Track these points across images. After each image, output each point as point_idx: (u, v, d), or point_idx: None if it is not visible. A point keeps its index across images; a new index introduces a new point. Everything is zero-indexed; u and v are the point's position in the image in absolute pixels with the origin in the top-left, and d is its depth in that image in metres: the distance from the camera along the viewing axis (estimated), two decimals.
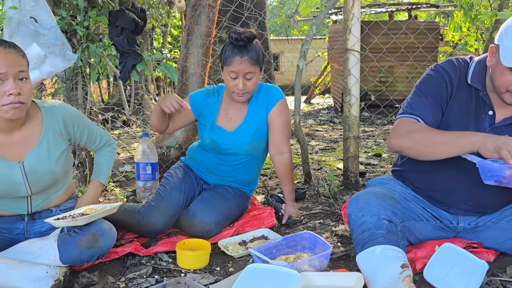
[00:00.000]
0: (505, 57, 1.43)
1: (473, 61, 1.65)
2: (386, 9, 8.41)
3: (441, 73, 1.64)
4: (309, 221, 2.19)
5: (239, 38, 1.90)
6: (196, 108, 2.11)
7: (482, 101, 1.60)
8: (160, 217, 1.94)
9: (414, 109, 1.62)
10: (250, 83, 1.96)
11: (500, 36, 1.47)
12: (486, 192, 1.64)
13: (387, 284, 1.36)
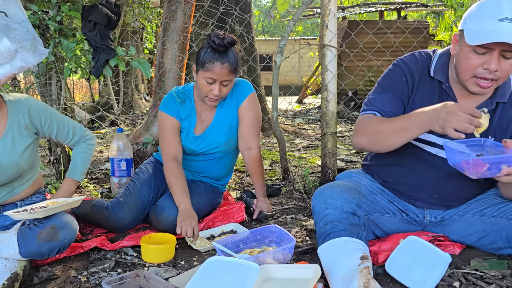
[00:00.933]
0: (470, 37, 1.39)
1: (436, 53, 1.64)
2: (376, 8, 8.44)
3: (401, 67, 1.63)
4: (280, 216, 2.19)
5: (222, 44, 1.83)
6: (179, 118, 2.05)
7: (445, 93, 1.60)
8: (128, 213, 1.93)
9: (373, 105, 1.62)
10: (226, 89, 1.93)
11: (464, 22, 1.46)
12: (451, 185, 1.65)
13: (345, 275, 1.36)
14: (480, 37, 1.36)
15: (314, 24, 27.08)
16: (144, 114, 7.39)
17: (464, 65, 1.45)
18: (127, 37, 6.99)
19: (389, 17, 12.16)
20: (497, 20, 1.35)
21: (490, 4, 1.39)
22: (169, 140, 2.01)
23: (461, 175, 1.61)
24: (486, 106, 1.56)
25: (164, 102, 2.07)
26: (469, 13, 1.45)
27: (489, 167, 1.30)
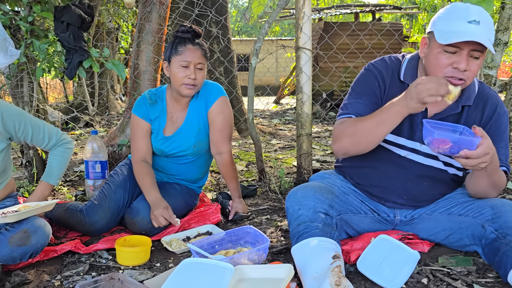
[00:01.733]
0: (441, 36, 1.44)
1: (405, 58, 1.69)
2: (351, 10, 8.57)
3: (373, 72, 1.67)
4: (256, 217, 2.21)
5: (189, 31, 1.93)
6: (149, 120, 2.07)
7: None
8: (103, 216, 1.92)
9: (349, 110, 1.65)
10: (200, 75, 1.96)
11: (433, 24, 1.51)
12: (420, 187, 1.70)
13: (317, 274, 1.39)
14: (451, 36, 1.41)
15: (291, 25, 27.24)
16: (120, 115, 7.30)
17: (435, 65, 1.49)
18: (101, 37, 6.89)
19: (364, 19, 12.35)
20: (466, 22, 1.42)
21: (458, 8, 1.46)
22: (137, 143, 2.06)
23: (429, 177, 1.67)
24: (452, 110, 1.62)
25: (136, 104, 2.10)
26: (438, 16, 1.51)
27: (451, 146, 1.34)
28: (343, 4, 9.32)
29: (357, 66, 7.07)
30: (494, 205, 1.59)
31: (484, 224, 1.58)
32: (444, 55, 1.46)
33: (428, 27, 1.55)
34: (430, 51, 1.51)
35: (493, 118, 1.64)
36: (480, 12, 1.43)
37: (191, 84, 1.94)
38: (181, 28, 1.95)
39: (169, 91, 2.09)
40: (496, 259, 1.49)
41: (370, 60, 1.81)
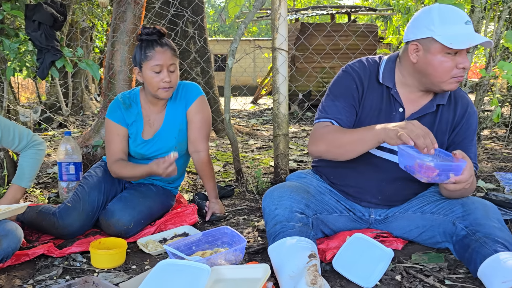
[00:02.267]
0: (452, 42, 1.46)
1: (383, 60, 1.72)
2: (327, 11, 8.66)
3: (351, 74, 1.69)
4: (233, 217, 2.21)
5: (153, 32, 1.89)
6: (125, 124, 2.04)
7: (393, 99, 1.67)
8: (77, 218, 1.88)
9: (328, 113, 1.67)
10: (174, 75, 1.94)
11: (426, 28, 1.51)
12: (395, 187, 1.74)
13: (293, 273, 1.40)
14: (463, 40, 1.46)
15: (268, 25, 27.33)
16: (95, 115, 7.18)
17: (442, 70, 1.52)
18: (75, 37, 6.76)
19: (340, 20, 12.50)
20: (464, 23, 1.49)
21: (447, 11, 1.50)
22: (113, 147, 2.04)
23: (404, 178, 1.70)
24: (428, 109, 1.66)
25: (110, 109, 2.06)
26: (429, 22, 1.51)
27: (439, 172, 1.38)
28: (319, 5, 9.42)
29: (333, 66, 7.16)
30: (464, 202, 1.64)
31: (455, 222, 1.62)
32: (448, 58, 1.50)
33: (416, 33, 1.55)
34: (431, 56, 1.52)
35: (464, 117, 1.69)
36: (465, 13, 1.52)
37: (168, 87, 1.92)
38: (145, 30, 1.91)
39: (143, 94, 2.06)
40: (466, 255, 1.53)
41: (346, 60, 1.84)
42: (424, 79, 1.58)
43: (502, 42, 3.20)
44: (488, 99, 4.75)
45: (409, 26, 1.59)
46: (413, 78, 1.62)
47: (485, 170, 3.23)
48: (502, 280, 1.35)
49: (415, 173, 1.41)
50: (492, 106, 4.55)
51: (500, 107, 2.76)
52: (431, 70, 1.54)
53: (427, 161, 1.38)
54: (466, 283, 1.53)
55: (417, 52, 1.56)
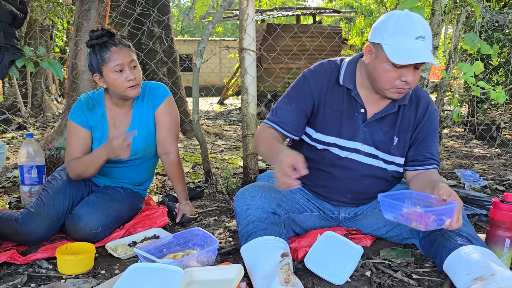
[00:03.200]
0: (393, 55, 1.47)
1: (344, 62, 1.74)
2: (293, 12, 8.75)
3: (308, 79, 1.71)
4: (204, 218, 2.20)
5: (103, 34, 1.83)
6: (88, 127, 1.97)
7: (354, 100, 1.70)
8: (41, 224, 1.81)
9: (277, 116, 1.72)
10: (137, 71, 1.89)
11: (380, 36, 1.52)
12: (363, 186, 1.77)
13: (266, 273, 1.41)
14: (404, 56, 1.46)
15: (234, 26, 27.30)
16: (56, 117, 6.95)
17: (385, 78, 1.54)
18: (35, 35, 6.51)
19: (305, 21, 12.67)
20: (414, 38, 1.47)
21: (404, 22, 1.49)
22: (71, 150, 1.96)
23: (370, 176, 1.75)
24: (389, 110, 1.70)
25: (72, 110, 1.99)
26: (384, 28, 1.52)
27: (434, 218, 1.39)
28: (285, 7, 9.50)
29: (300, 67, 7.23)
30: None
31: None
32: (393, 69, 1.51)
33: (373, 36, 1.56)
34: (379, 63, 1.54)
35: (425, 116, 1.73)
36: (424, 26, 1.49)
37: (134, 84, 1.88)
38: (94, 34, 1.84)
39: (107, 96, 2.00)
40: (432, 249, 1.59)
41: (312, 61, 1.87)
42: (373, 81, 1.61)
43: (460, 44, 3.33)
44: (448, 99, 4.94)
45: (372, 27, 1.61)
46: (367, 79, 1.65)
47: (446, 167, 3.35)
48: (466, 272, 1.41)
49: (411, 223, 1.41)
50: (451, 106, 4.73)
51: (460, 106, 2.87)
52: (376, 75, 1.57)
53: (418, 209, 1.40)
54: (432, 276, 1.58)
55: (370, 54, 1.58)
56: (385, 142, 1.70)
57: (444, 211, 1.38)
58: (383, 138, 1.70)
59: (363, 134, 1.69)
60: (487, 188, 2.76)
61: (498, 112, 5.76)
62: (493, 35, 4.30)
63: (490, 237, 1.64)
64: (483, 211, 2.16)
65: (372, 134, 1.70)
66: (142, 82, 2.00)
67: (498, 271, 1.35)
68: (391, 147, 1.71)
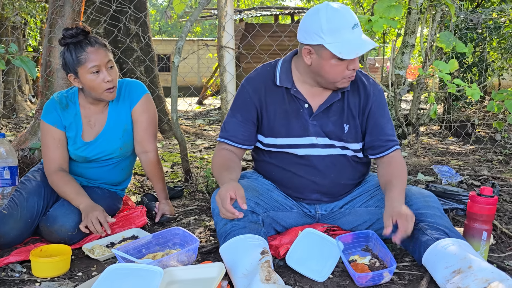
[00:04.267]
0: (341, 52, 1.49)
1: (278, 63, 1.74)
2: (271, 12, 8.76)
3: (245, 87, 1.73)
4: (184, 218, 2.17)
5: (78, 32, 1.76)
6: (62, 127, 1.91)
7: (295, 98, 1.70)
8: (14, 226, 1.75)
9: (226, 131, 1.74)
10: (114, 72, 1.84)
11: (316, 35, 1.51)
12: (329, 179, 1.76)
13: (246, 271, 1.39)
14: (351, 49, 1.49)
15: (212, 25, 27.20)
16: (30, 118, 6.77)
17: (334, 73, 1.57)
18: (6, 32, 6.33)
19: (284, 21, 12.71)
20: (351, 28, 1.51)
21: (335, 16, 1.50)
22: (50, 153, 1.90)
23: (333, 166, 1.74)
24: (334, 98, 1.69)
25: (45, 110, 1.92)
26: (318, 28, 1.51)
27: (372, 277, 1.48)
28: (263, 6, 9.51)
29: None
30: (406, 195, 1.71)
31: None
32: (340, 63, 1.54)
33: (308, 38, 1.54)
34: (324, 62, 1.55)
35: (370, 97, 1.72)
36: (352, 13, 1.54)
37: (111, 86, 1.83)
38: (68, 33, 1.76)
39: (81, 94, 1.94)
40: (411, 244, 1.60)
41: None
42: (319, 78, 1.63)
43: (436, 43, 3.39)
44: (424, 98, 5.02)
45: (300, 28, 1.60)
46: (309, 77, 1.66)
47: (423, 164, 3.41)
48: (444, 266, 1.43)
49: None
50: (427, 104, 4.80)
51: (436, 104, 2.92)
52: (324, 73, 1.59)
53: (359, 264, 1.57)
54: (412, 270, 1.59)
55: (311, 55, 1.59)
56: (335, 131, 1.71)
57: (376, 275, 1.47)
58: (333, 128, 1.71)
59: (314, 127, 1.70)
60: (463, 183, 2.81)
61: (472, 110, 5.91)
62: (467, 34, 4.39)
63: (467, 230, 1.66)
64: (460, 206, 2.20)
65: (322, 126, 1.70)
66: (118, 80, 1.95)
67: (475, 263, 1.37)
68: (343, 135, 1.72)
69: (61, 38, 1.79)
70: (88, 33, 1.81)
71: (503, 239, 1.91)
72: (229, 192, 1.46)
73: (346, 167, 1.77)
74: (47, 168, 1.91)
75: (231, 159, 1.71)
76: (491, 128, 5.24)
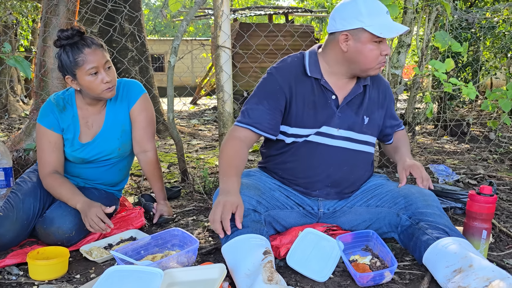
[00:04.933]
0: (382, 32, 1.57)
1: (305, 55, 1.77)
2: (265, 12, 8.75)
3: (274, 76, 1.72)
4: (182, 219, 2.15)
5: (73, 34, 1.74)
6: (59, 130, 1.89)
7: (324, 89, 1.72)
8: (11, 228, 1.72)
9: (250, 117, 1.70)
10: (112, 72, 1.82)
11: (355, 19, 1.58)
12: (341, 172, 1.78)
13: (249, 271, 1.38)
14: (390, 30, 1.59)
15: (205, 25, 27.14)
16: (23, 118, 6.71)
17: (371, 58, 1.63)
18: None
19: (277, 20, 12.71)
20: (385, 13, 1.61)
21: (371, 3, 1.61)
22: (45, 156, 1.88)
23: (348, 161, 1.77)
24: (356, 91, 1.75)
25: (41, 113, 1.89)
26: (357, 13, 1.59)
27: (373, 277, 1.48)
28: (257, 6, 9.49)
29: None
30: (405, 194, 1.71)
31: (399, 213, 1.69)
32: (375, 46, 1.61)
33: (345, 24, 1.61)
34: (361, 46, 1.61)
35: (387, 93, 1.88)
36: (381, 2, 1.65)
37: (110, 86, 1.81)
38: (64, 34, 1.74)
39: (78, 95, 1.92)
40: (411, 244, 1.60)
41: None
42: (353, 66, 1.67)
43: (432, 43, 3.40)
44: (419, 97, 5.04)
45: (335, 17, 1.65)
46: (341, 66, 1.70)
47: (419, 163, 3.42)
48: (445, 265, 1.42)
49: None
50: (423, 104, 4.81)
51: (432, 103, 2.92)
52: (362, 58, 1.64)
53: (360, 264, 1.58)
54: (413, 269, 1.59)
55: (347, 42, 1.63)
56: (358, 122, 1.77)
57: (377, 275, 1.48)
58: (356, 119, 1.76)
59: (338, 119, 1.74)
60: (460, 182, 2.82)
61: (466, 109, 5.94)
62: (461, 34, 4.42)
63: (467, 228, 1.67)
64: (458, 204, 2.20)
65: (346, 118, 1.75)
66: (117, 79, 1.94)
67: (476, 262, 1.37)
68: (363, 127, 1.79)
69: (56, 39, 1.76)
70: (84, 33, 1.79)
71: (501, 237, 1.92)
72: (233, 207, 1.48)
73: (359, 163, 1.81)
74: (41, 171, 1.88)
75: (241, 155, 1.68)
76: (486, 127, 5.27)
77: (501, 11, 4.22)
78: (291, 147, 1.77)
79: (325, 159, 1.75)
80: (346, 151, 1.77)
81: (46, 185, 1.86)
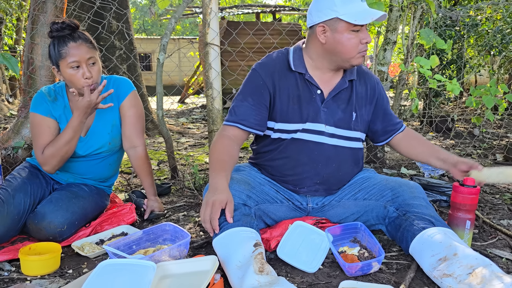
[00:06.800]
0: (356, 19, 1.57)
1: (290, 50, 1.80)
2: (253, 10, 8.77)
3: (258, 71, 1.75)
4: (173, 214, 2.17)
5: (64, 27, 1.77)
6: (53, 117, 1.89)
7: (309, 83, 1.75)
8: (1, 223, 1.72)
9: (237, 115, 1.73)
10: (95, 69, 1.82)
11: (329, 10, 1.59)
12: (329, 169, 1.80)
13: (240, 263, 1.41)
14: (365, 16, 1.58)
15: (193, 24, 27.04)
16: (8, 118, 6.63)
17: (350, 46, 1.63)
18: None
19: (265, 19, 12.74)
20: (360, 1, 1.61)
21: None
22: (41, 141, 1.86)
23: (336, 157, 1.79)
24: (342, 86, 1.77)
25: (34, 102, 1.90)
26: (331, 3, 1.60)
27: (361, 267, 1.51)
28: (245, 4, 9.51)
29: None
30: (392, 187, 1.75)
31: (386, 205, 1.73)
32: (353, 35, 1.62)
33: (320, 16, 1.63)
34: (339, 35, 1.62)
35: (376, 89, 1.86)
36: None
37: (90, 83, 1.80)
38: (54, 26, 1.78)
39: (69, 88, 1.94)
40: (398, 234, 1.64)
41: None
42: (335, 57, 1.68)
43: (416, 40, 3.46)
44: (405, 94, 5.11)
45: (311, 11, 1.68)
46: (323, 59, 1.72)
47: (406, 158, 3.48)
48: (431, 254, 1.47)
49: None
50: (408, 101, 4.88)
51: (417, 99, 2.98)
52: (340, 48, 1.65)
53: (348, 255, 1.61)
54: (400, 259, 1.64)
55: (325, 33, 1.65)
56: (345, 118, 1.78)
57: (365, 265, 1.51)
58: (342, 115, 1.77)
59: (324, 114, 1.75)
60: (445, 176, 2.88)
61: (451, 106, 6.04)
62: (446, 31, 4.50)
63: (451, 219, 1.72)
64: (443, 197, 2.26)
65: (332, 114, 1.76)
66: (107, 76, 1.95)
67: (460, 250, 1.42)
68: (351, 123, 1.79)
69: (48, 31, 1.80)
70: (76, 28, 1.81)
71: (485, 228, 1.98)
72: (222, 205, 1.50)
73: (347, 160, 1.83)
74: (38, 154, 1.86)
75: (230, 151, 1.70)
76: (470, 123, 5.37)
77: (484, 9, 4.31)
78: (280, 145, 1.79)
79: (313, 156, 1.77)
80: (335, 148, 1.79)
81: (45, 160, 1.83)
